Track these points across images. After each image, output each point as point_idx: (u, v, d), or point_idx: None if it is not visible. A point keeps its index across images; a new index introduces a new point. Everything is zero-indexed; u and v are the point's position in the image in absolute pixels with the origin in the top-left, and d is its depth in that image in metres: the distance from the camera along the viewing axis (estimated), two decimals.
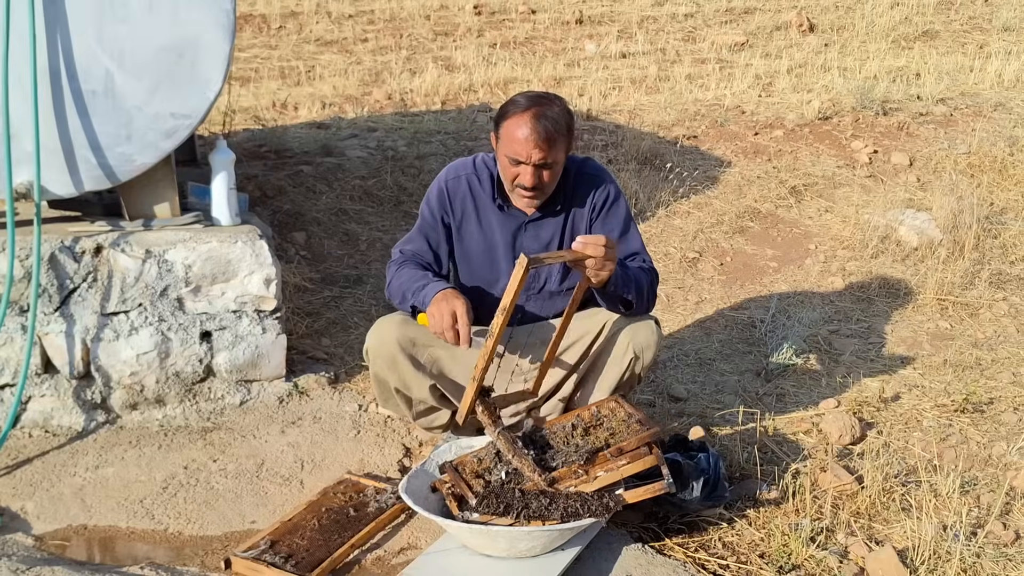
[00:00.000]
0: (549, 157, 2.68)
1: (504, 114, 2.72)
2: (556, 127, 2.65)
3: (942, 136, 6.34)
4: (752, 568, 2.57)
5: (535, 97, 2.71)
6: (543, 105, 2.67)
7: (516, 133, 2.66)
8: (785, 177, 5.59)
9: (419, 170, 5.22)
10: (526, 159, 2.67)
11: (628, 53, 8.78)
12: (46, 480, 2.91)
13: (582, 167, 2.91)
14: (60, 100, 3.06)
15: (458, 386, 2.87)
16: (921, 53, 8.67)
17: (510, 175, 2.75)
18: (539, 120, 2.63)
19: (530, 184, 2.72)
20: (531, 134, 2.64)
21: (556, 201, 2.86)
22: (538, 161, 2.67)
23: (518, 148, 2.67)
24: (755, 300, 4.32)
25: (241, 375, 3.34)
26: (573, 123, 2.75)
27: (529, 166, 2.68)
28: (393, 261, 2.90)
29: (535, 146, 2.64)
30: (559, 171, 2.78)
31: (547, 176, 2.73)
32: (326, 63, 8.42)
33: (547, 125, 2.64)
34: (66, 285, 3.14)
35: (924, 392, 3.55)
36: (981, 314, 4.23)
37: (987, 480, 3.01)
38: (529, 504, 2.42)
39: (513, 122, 2.67)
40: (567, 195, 2.87)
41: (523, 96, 2.73)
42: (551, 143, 2.65)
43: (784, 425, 3.30)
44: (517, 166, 2.71)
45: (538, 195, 2.78)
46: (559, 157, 2.71)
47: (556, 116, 2.67)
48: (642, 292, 2.77)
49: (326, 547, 2.55)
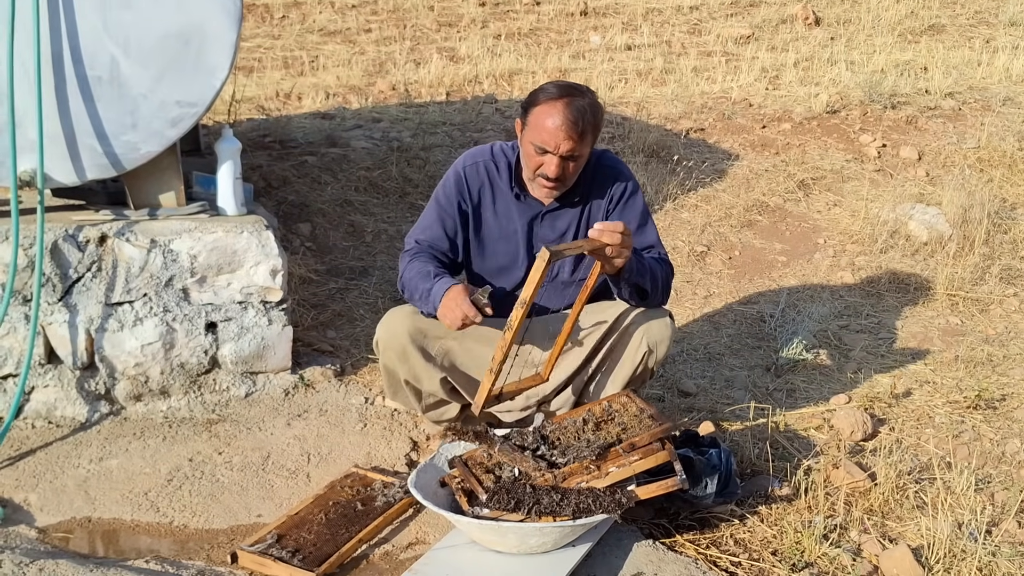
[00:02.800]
0: (577, 150, 2.64)
1: (534, 101, 2.67)
2: (587, 119, 2.61)
3: (951, 130, 6.29)
4: (764, 566, 2.54)
5: (567, 87, 2.67)
6: (575, 96, 2.62)
7: (546, 122, 2.61)
8: (793, 171, 5.55)
9: (425, 161, 5.17)
10: (554, 149, 2.63)
11: (633, 45, 8.72)
12: (49, 472, 2.87)
13: (600, 159, 2.87)
14: (64, 87, 3.01)
15: (469, 379, 2.84)
16: (928, 47, 8.61)
17: (534, 164, 2.70)
18: (570, 110, 2.59)
19: (554, 175, 2.67)
20: (562, 124, 2.59)
21: (575, 193, 2.82)
22: (566, 152, 2.63)
23: (546, 137, 2.62)
24: (764, 295, 4.29)
25: (247, 367, 3.30)
26: (602, 117, 2.71)
27: (556, 156, 2.64)
28: (407, 251, 2.85)
29: (565, 136, 2.60)
30: (583, 164, 2.74)
31: (571, 168, 2.69)
32: (329, 53, 8.36)
33: (579, 116, 2.59)
34: (70, 275, 3.10)
35: (936, 388, 3.51)
36: (992, 310, 4.20)
37: (1001, 478, 2.98)
38: (540, 500, 2.38)
39: (543, 109, 2.62)
40: (585, 187, 2.84)
41: (554, 85, 2.68)
42: (581, 135, 2.61)
43: (795, 421, 3.26)
44: (543, 155, 2.66)
45: (559, 186, 2.74)
46: (585, 151, 2.68)
47: (587, 108, 2.62)
48: (657, 282, 2.74)
49: (333, 541, 2.52)
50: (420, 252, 2.81)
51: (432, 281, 2.68)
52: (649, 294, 2.74)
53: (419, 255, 2.80)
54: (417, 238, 2.86)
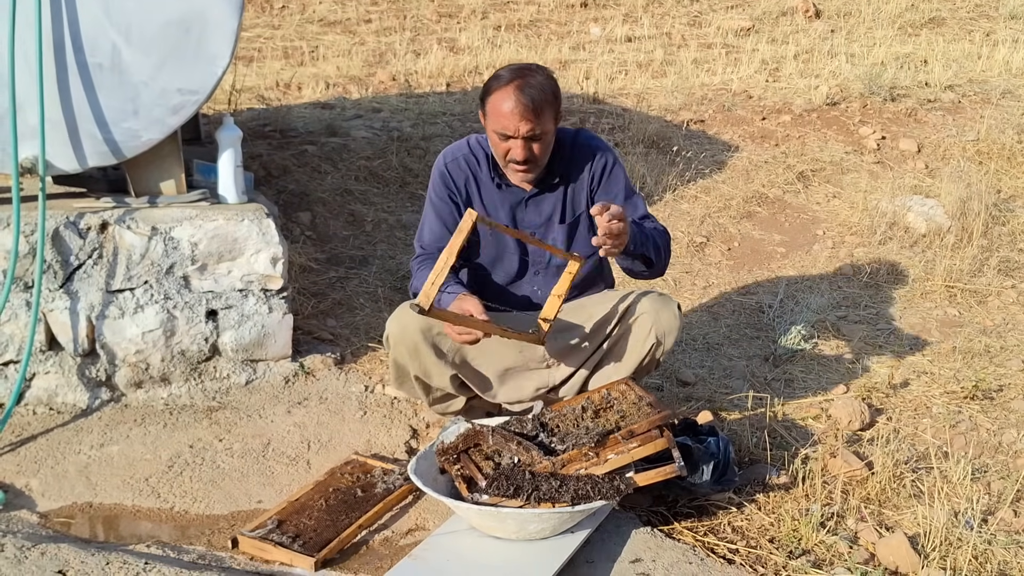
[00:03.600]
0: (537, 128, 2.64)
1: (488, 90, 2.69)
2: (541, 96, 2.62)
3: (950, 123, 6.30)
4: (762, 553, 2.56)
5: (517, 69, 2.68)
6: (526, 76, 2.63)
7: (502, 107, 2.62)
8: (793, 162, 5.55)
9: (425, 151, 5.18)
10: (514, 132, 2.64)
11: (634, 37, 8.72)
12: (51, 457, 2.89)
13: (576, 138, 2.88)
14: (66, 74, 3.02)
15: (480, 375, 2.86)
16: (928, 40, 8.61)
17: (501, 151, 2.72)
18: (523, 91, 2.59)
19: (521, 157, 2.69)
20: (516, 106, 2.60)
21: (554, 174, 2.84)
22: (527, 133, 2.64)
23: (505, 122, 2.63)
24: (763, 285, 4.30)
25: (247, 355, 3.31)
26: (559, 91, 2.71)
27: (519, 139, 2.66)
28: (415, 258, 2.88)
29: (521, 118, 2.61)
30: (550, 141, 2.74)
31: (537, 148, 2.70)
32: (329, 43, 8.36)
33: (532, 95, 2.60)
34: (71, 262, 3.11)
35: (933, 378, 3.53)
36: (990, 301, 4.21)
37: (998, 467, 3.00)
38: (539, 486, 2.40)
39: (497, 96, 2.64)
40: (564, 167, 2.85)
41: (505, 69, 2.70)
42: (537, 113, 2.62)
43: (793, 410, 3.28)
44: (507, 141, 2.68)
45: (531, 167, 2.75)
46: (548, 127, 2.68)
47: (540, 85, 2.63)
48: (660, 250, 2.78)
49: (333, 527, 2.54)
50: (427, 258, 2.83)
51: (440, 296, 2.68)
52: (654, 262, 2.77)
53: (426, 261, 2.82)
54: (423, 242, 2.89)
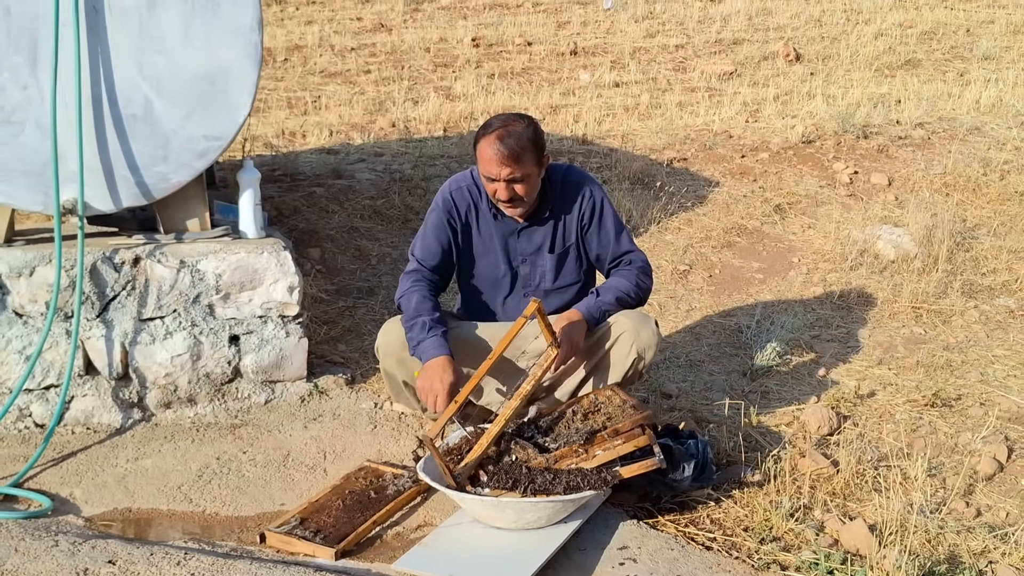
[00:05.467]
0: (518, 172, 2.99)
1: (477, 138, 3.07)
2: (520, 143, 2.97)
3: (919, 158, 6.67)
4: (737, 540, 2.84)
5: (502, 119, 3.05)
6: (508, 126, 3.00)
7: (485, 153, 3.00)
8: (770, 196, 5.91)
9: (425, 191, 5.53)
10: (496, 176, 3.00)
11: (621, 82, 9.13)
12: (90, 470, 3.18)
13: (566, 175, 3.24)
14: (103, 125, 3.36)
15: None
16: (903, 81, 9.01)
17: (489, 191, 3.08)
18: (503, 141, 2.96)
19: (505, 197, 3.05)
20: (495, 154, 2.97)
21: (544, 208, 3.19)
22: (507, 176, 2.99)
23: (488, 167, 3.00)
24: (742, 308, 4.62)
25: (266, 376, 3.61)
26: (540, 137, 3.07)
27: (501, 182, 3.01)
28: (409, 271, 3.20)
29: (501, 163, 2.97)
30: (535, 182, 3.09)
31: (520, 189, 3.04)
32: (331, 93, 8.75)
33: (511, 143, 2.96)
34: (107, 293, 3.42)
35: (897, 389, 3.83)
36: (953, 320, 4.52)
37: (953, 465, 3.28)
38: (535, 479, 2.69)
39: (483, 144, 3.01)
40: (554, 202, 3.20)
41: (493, 118, 3.09)
42: (517, 159, 2.97)
43: (767, 419, 3.57)
44: (492, 183, 3.04)
45: (516, 204, 3.09)
46: (529, 170, 3.02)
47: (519, 133, 2.99)
48: (628, 297, 3.18)
49: (350, 523, 2.82)
50: (420, 278, 3.16)
51: (426, 334, 3.01)
52: (630, 305, 3.18)
53: (418, 283, 3.14)
54: (418, 256, 3.22)
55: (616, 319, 3.14)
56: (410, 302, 3.09)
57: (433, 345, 2.98)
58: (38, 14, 3.21)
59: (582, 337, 3.05)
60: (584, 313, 3.08)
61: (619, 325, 3.12)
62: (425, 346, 2.99)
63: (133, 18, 3.31)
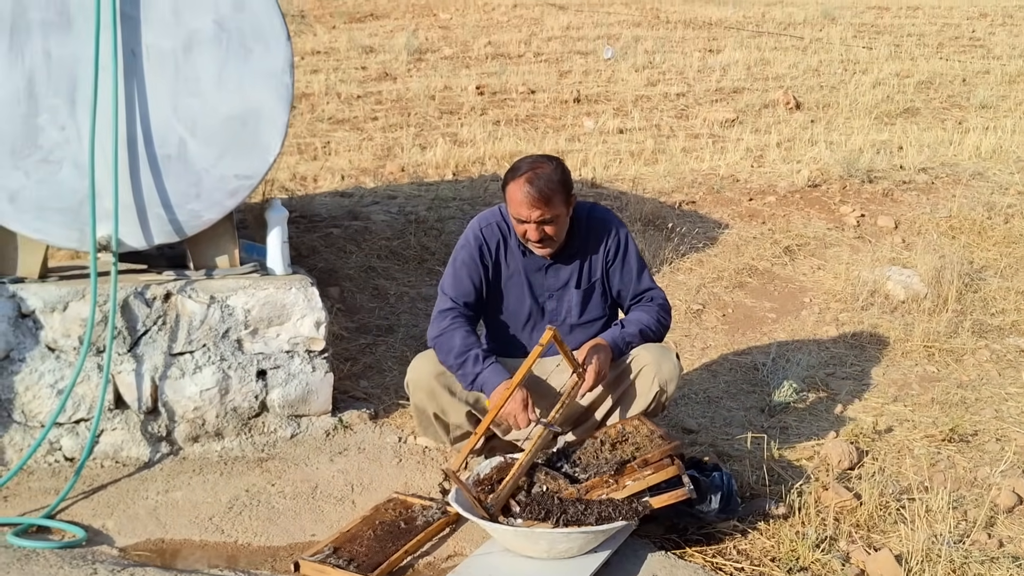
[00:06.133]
0: (548, 213, 3.07)
1: (506, 181, 3.14)
2: (549, 186, 3.05)
3: (924, 202, 6.78)
4: (764, 570, 2.88)
5: (531, 161, 3.13)
6: (536, 168, 3.08)
7: (516, 196, 3.07)
8: (779, 238, 6.01)
9: (440, 231, 5.62)
10: (527, 218, 3.08)
11: (625, 129, 9.27)
12: (122, 503, 3.21)
13: (592, 212, 3.32)
14: (137, 164, 3.44)
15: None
16: (903, 128, 9.18)
17: (519, 231, 3.16)
18: (533, 184, 3.04)
19: (535, 238, 3.12)
20: (526, 197, 3.04)
21: (571, 246, 3.26)
22: (538, 219, 3.07)
23: (519, 209, 3.08)
24: (756, 347, 4.68)
25: (292, 410, 3.66)
26: (568, 177, 3.15)
27: (532, 223, 3.08)
28: (444, 310, 3.23)
29: (531, 206, 3.05)
30: (564, 222, 3.16)
31: (550, 230, 3.12)
32: (340, 139, 8.88)
33: (540, 186, 3.03)
34: (138, 328, 3.47)
35: (914, 425, 3.88)
36: (965, 359, 4.58)
37: (973, 498, 3.33)
38: (567, 510, 2.73)
39: (512, 187, 3.09)
40: (580, 240, 3.28)
41: (521, 161, 3.16)
42: (547, 201, 3.05)
43: (788, 453, 3.62)
44: (522, 224, 3.11)
45: (547, 244, 3.17)
46: (559, 211, 3.10)
47: (548, 175, 3.06)
48: (649, 331, 3.25)
49: (382, 553, 2.85)
50: (457, 315, 3.20)
51: (482, 365, 3.08)
52: (651, 339, 3.24)
53: (457, 319, 3.18)
54: (450, 294, 3.26)
55: (637, 352, 3.20)
56: (453, 340, 3.14)
57: (494, 372, 3.05)
58: (77, 58, 3.31)
59: (608, 362, 3.10)
60: (609, 341, 3.14)
61: (640, 359, 3.19)
62: (486, 376, 3.05)
63: (169, 62, 3.41)
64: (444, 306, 3.24)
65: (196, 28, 3.41)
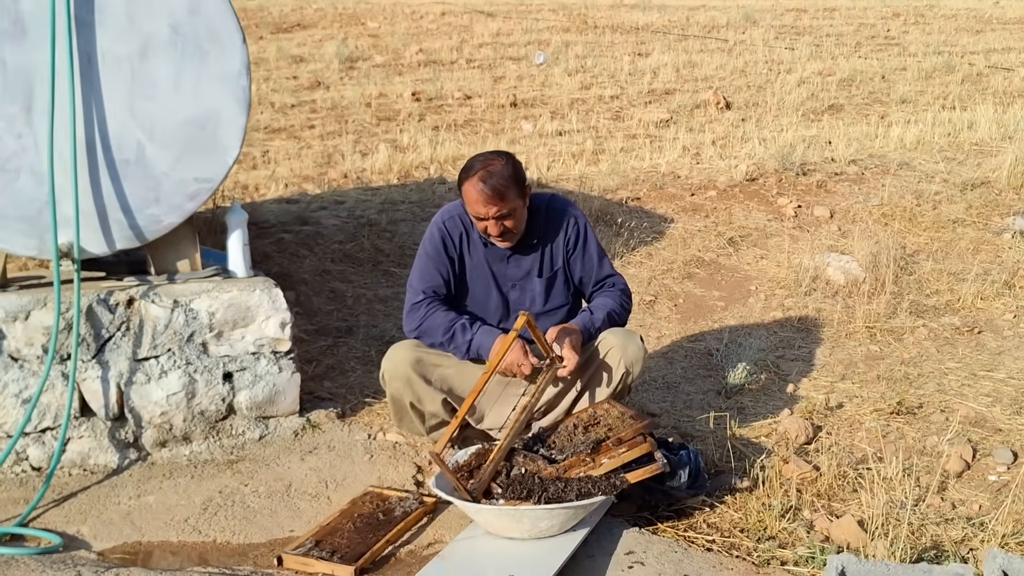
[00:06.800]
0: (504, 208, 3.15)
1: (460, 181, 3.21)
2: (502, 181, 3.12)
3: (856, 191, 7.04)
4: (735, 540, 2.99)
5: (483, 159, 3.20)
6: (488, 166, 3.15)
7: (471, 195, 3.14)
8: (722, 230, 6.18)
9: (393, 233, 5.66)
10: (485, 215, 3.15)
11: (563, 131, 9.41)
12: (94, 509, 3.18)
13: (550, 203, 3.41)
14: (96, 169, 3.42)
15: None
16: (829, 124, 9.50)
17: (480, 228, 3.24)
18: (486, 182, 3.11)
19: (495, 233, 3.20)
20: (480, 195, 3.12)
21: (532, 236, 3.34)
22: (495, 215, 3.15)
23: (476, 207, 3.16)
24: (708, 333, 4.82)
25: (260, 412, 3.66)
26: (520, 171, 3.23)
27: (490, 220, 3.16)
28: (419, 301, 3.29)
29: (487, 203, 3.12)
30: (522, 214, 3.25)
31: (510, 223, 3.20)
32: (278, 148, 8.84)
33: (494, 183, 3.11)
34: (102, 335, 3.45)
35: (863, 400, 4.04)
36: (905, 338, 4.78)
37: (924, 465, 3.49)
38: (547, 488, 2.81)
39: (467, 187, 3.16)
40: (540, 230, 3.36)
41: (473, 159, 3.23)
42: (501, 196, 3.12)
43: (747, 431, 3.75)
44: (482, 221, 3.19)
45: (508, 237, 3.25)
46: (514, 204, 3.18)
47: (500, 171, 3.14)
48: (615, 315, 3.35)
49: (364, 544, 2.89)
50: (432, 301, 3.27)
51: (472, 330, 3.18)
52: (617, 323, 3.34)
53: (434, 303, 3.26)
54: (422, 287, 3.32)
55: (603, 336, 3.30)
56: (435, 320, 3.22)
57: (485, 334, 3.15)
58: (33, 65, 3.28)
59: (580, 344, 3.18)
60: (580, 326, 3.23)
61: (606, 342, 3.28)
62: (479, 339, 3.15)
63: (126, 67, 3.40)
64: (415, 299, 3.30)
65: (151, 32, 3.41)
